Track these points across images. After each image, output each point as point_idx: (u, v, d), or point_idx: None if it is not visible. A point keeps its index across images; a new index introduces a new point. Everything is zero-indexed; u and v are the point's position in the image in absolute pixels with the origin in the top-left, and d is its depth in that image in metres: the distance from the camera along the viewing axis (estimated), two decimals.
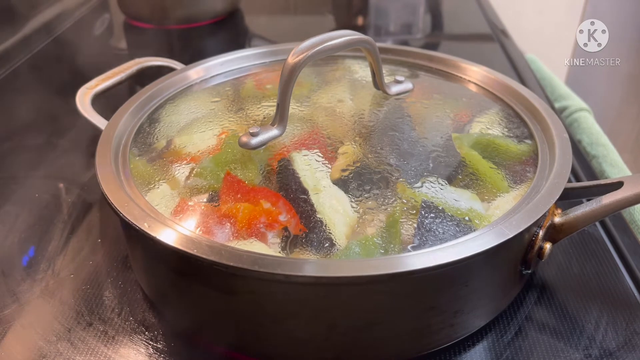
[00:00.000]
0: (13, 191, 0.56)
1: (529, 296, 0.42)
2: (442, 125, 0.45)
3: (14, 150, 0.63)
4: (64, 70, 0.77)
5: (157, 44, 0.89)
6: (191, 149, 0.42)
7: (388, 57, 0.54)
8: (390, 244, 0.34)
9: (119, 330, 0.40)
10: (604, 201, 0.38)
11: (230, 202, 0.37)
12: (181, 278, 0.36)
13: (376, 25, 1.01)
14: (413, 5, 1.05)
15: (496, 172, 0.40)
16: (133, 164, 0.41)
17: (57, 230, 0.50)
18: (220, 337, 0.38)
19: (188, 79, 0.52)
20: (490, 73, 0.50)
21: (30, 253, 0.47)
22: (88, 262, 0.46)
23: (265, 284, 0.32)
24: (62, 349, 0.38)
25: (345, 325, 0.34)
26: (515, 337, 0.39)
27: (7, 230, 0.50)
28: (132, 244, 0.41)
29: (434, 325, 0.35)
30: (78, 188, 0.56)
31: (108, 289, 0.43)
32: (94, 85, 0.51)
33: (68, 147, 0.63)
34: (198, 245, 0.31)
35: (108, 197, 0.36)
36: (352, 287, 0.32)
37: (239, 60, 0.55)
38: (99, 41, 0.95)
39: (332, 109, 0.46)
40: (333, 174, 0.39)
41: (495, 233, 0.33)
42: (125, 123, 0.45)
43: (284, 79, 0.39)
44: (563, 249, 0.46)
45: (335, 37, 0.40)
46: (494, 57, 0.84)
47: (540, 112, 0.44)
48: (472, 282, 0.34)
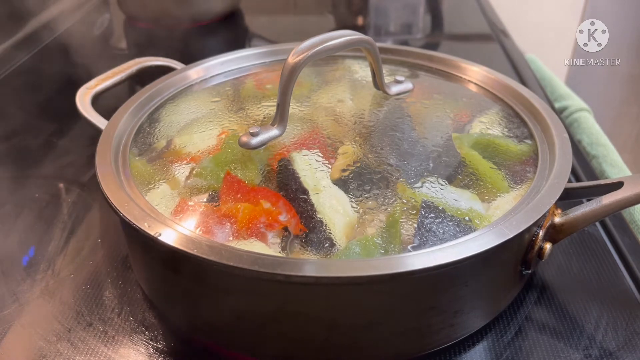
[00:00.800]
0: (13, 191, 0.56)
1: (529, 296, 0.42)
2: (442, 125, 0.45)
3: (14, 150, 0.63)
4: (64, 70, 0.77)
5: (157, 44, 0.89)
6: (191, 148, 0.42)
7: (388, 57, 0.54)
8: (391, 244, 0.34)
9: (119, 330, 0.40)
10: (604, 201, 0.38)
11: (231, 202, 0.37)
12: (181, 278, 0.36)
13: (376, 25, 1.01)
14: (413, 5, 1.05)
15: (496, 172, 0.40)
16: (133, 164, 0.41)
17: (57, 230, 0.50)
18: (220, 336, 0.38)
19: (188, 79, 0.52)
20: (490, 73, 0.50)
21: (30, 253, 0.47)
22: (88, 262, 0.46)
23: (265, 284, 0.32)
24: (62, 349, 0.38)
25: (345, 325, 0.34)
26: (515, 337, 0.39)
27: (7, 230, 0.50)
28: (132, 244, 0.41)
29: (434, 325, 0.35)
30: (78, 188, 0.56)
31: (108, 289, 0.43)
32: (94, 85, 0.51)
33: (68, 147, 0.63)
34: (198, 245, 0.31)
35: (108, 197, 0.36)
36: (352, 287, 0.32)
37: (239, 60, 0.55)
38: (99, 41, 0.95)
39: (332, 109, 0.46)
40: (333, 174, 0.39)
41: (496, 233, 0.33)
42: (125, 123, 0.45)
43: (284, 79, 0.39)
44: (563, 249, 0.46)
45: (335, 37, 0.40)
46: (494, 57, 0.84)
47: (540, 112, 0.44)
48: (472, 282, 0.34)
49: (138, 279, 0.43)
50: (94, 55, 0.81)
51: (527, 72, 0.79)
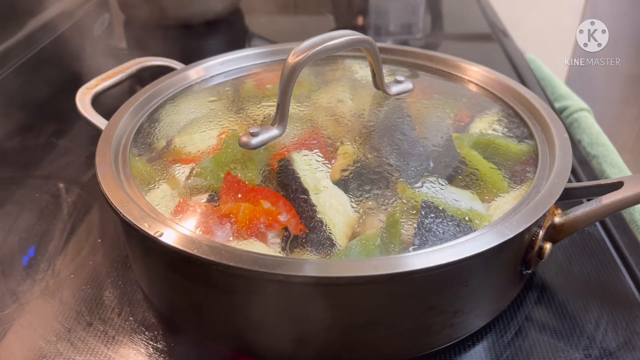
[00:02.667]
0: (13, 191, 0.56)
1: (529, 296, 0.42)
2: (442, 125, 0.45)
3: (14, 150, 0.63)
4: (64, 70, 0.77)
5: (157, 44, 0.89)
6: (191, 149, 0.42)
7: (388, 57, 0.54)
8: (391, 244, 0.34)
9: (119, 330, 0.40)
10: (604, 201, 0.38)
11: (231, 202, 0.37)
12: (181, 278, 0.36)
13: (376, 25, 1.01)
14: (413, 5, 1.05)
15: (496, 172, 0.40)
16: (133, 164, 0.41)
17: (57, 230, 0.50)
18: (220, 336, 0.38)
19: (188, 79, 0.52)
20: (490, 73, 0.50)
21: (30, 253, 0.47)
22: (88, 262, 0.46)
23: (265, 284, 0.32)
24: (62, 349, 0.38)
25: (345, 325, 0.34)
26: (515, 337, 0.39)
27: (7, 231, 0.50)
28: (132, 244, 0.41)
29: (434, 325, 0.35)
30: (78, 188, 0.56)
31: (108, 289, 0.43)
32: (94, 85, 0.51)
33: (68, 146, 0.63)
34: (198, 246, 0.31)
35: (108, 197, 0.36)
36: (353, 287, 0.32)
37: (239, 60, 0.55)
38: (99, 41, 0.95)
39: (332, 109, 0.46)
40: (333, 174, 0.39)
41: (496, 233, 0.33)
42: (125, 123, 0.45)
43: (284, 79, 0.39)
44: (563, 249, 0.46)
45: (335, 37, 0.40)
46: (494, 57, 0.84)
47: (540, 111, 0.44)
48: (473, 282, 0.34)
49: (138, 279, 0.43)
50: (94, 55, 0.81)
51: (527, 72, 0.79)
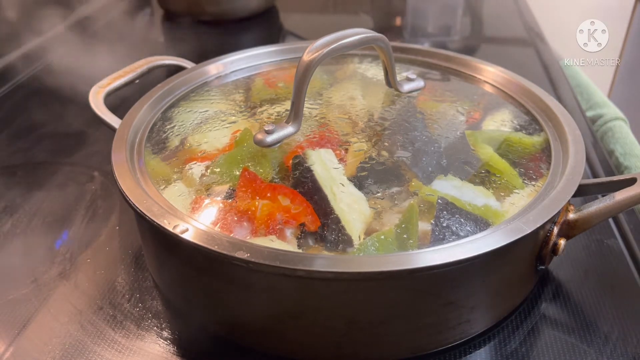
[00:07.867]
0: (39, 177, 0.57)
1: (543, 292, 0.42)
2: (455, 123, 0.46)
3: (43, 138, 0.64)
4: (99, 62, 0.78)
5: (192, 39, 0.92)
6: (205, 146, 0.43)
7: (402, 56, 0.54)
8: (409, 240, 0.34)
9: (127, 315, 0.41)
10: (618, 197, 0.38)
11: (248, 199, 0.37)
12: (195, 272, 0.36)
13: (414, 26, 1.00)
14: (452, 7, 1.03)
15: (510, 169, 0.40)
16: (148, 161, 0.41)
17: (79, 216, 0.51)
18: (236, 330, 0.38)
19: (200, 77, 0.52)
20: (505, 73, 0.50)
21: (52, 237, 0.48)
22: (105, 247, 0.47)
23: (285, 279, 0.32)
24: (72, 330, 0.39)
25: (364, 320, 0.34)
26: (530, 333, 0.39)
27: (32, 214, 0.51)
28: (146, 238, 0.41)
29: (451, 320, 0.35)
30: (102, 176, 0.57)
31: (121, 275, 0.44)
32: (107, 84, 0.51)
33: (97, 136, 0.64)
34: (219, 242, 0.32)
35: (126, 195, 0.36)
36: (372, 282, 0.32)
37: (251, 59, 0.55)
38: (139, 34, 0.97)
39: (345, 107, 0.46)
40: (348, 171, 0.39)
41: (513, 229, 0.33)
42: (139, 121, 0.45)
43: (299, 77, 0.39)
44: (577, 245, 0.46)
45: (349, 35, 0.40)
46: (528, 62, 0.83)
47: (552, 110, 0.45)
48: (490, 277, 0.35)
49: (149, 268, 0.44)
50: (132, 48, 0.81)
51: (561, 78, 0.77)
